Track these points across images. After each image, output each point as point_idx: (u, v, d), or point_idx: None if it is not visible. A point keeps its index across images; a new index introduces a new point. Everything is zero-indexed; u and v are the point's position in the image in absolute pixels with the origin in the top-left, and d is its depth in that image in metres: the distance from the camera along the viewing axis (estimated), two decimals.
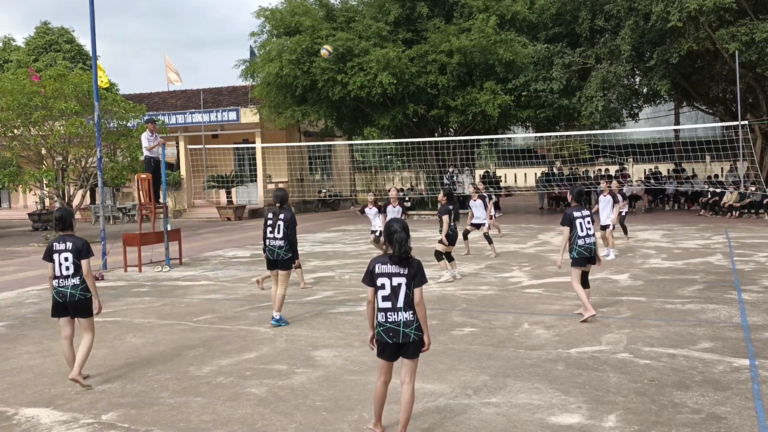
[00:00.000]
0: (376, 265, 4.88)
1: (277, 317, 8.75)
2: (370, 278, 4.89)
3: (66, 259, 6.38)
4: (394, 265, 4.82)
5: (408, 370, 4.88)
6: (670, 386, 5.94)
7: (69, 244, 6.42)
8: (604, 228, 14.26)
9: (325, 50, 20.01)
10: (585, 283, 8.64)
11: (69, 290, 6.37)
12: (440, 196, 12.06)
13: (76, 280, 6.39)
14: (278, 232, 8.57)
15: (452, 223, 11.54)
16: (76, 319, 6.51)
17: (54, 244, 6.48)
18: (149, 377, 6.74)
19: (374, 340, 4.96)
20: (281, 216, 8.59)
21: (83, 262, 6.39)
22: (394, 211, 13.72)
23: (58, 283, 6.41)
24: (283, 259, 8.63)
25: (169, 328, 8.88)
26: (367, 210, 14.39)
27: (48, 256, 6.47)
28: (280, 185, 33.17)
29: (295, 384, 6.35)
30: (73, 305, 6.40)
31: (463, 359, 6.94)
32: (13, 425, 5.58)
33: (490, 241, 15.02)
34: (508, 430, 5.13)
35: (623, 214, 16.34)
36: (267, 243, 8.69)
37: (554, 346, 7.33)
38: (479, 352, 7.19)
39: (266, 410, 5.70)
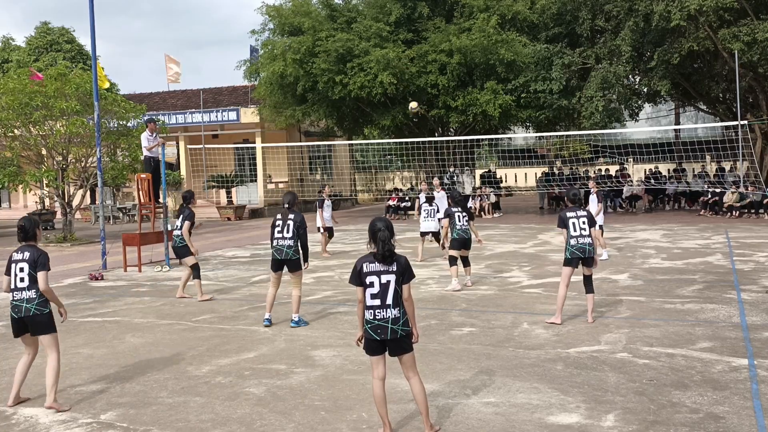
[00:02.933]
0: (363, 264, 4.94)
1: (296, 318, 8.69)
2: (357, 278, 4.95)
3: (21, 270, 5.84)
4: (380, 264, 4.88)
5: (408, 365, 4.95)
6: (669, 386, 5.94)
7: (26, 254, 5.86)
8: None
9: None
10: (588, 287, 8.50)
11: (24, 304, 5.82)
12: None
13: (32, 294, 5.81)
14: (287, 232, 8.51)
15: (459, 226, 10.92)
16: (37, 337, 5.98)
17: (13, 254, 5.98)
18: (148, 377, 6.74)
19: (362, 339, 5.03)
20: (290, 216, 8.55)
21: (40, 275, 5.81)
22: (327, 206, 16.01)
23: (13, 297, 5.87)
24: (291, 258, 8.51)
25: (169, 328, 8.88)
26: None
27: (7, 269, 5.96)
28: (281, 185, 33.22)
29: (294, 384, 6.35)
30: (30, 321, 5.85)
31: (462, 359, 6.95)
32: (12, 425, 5.58)
33: (437, 240, 15.00)
34: (506, 429, 5.13)
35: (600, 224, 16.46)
36: (275, 243, 8.57)
37: (553, 346, 7.33)
38: (478, 352, 7.19)
39: (265, 410, 5.71)
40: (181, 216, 10.76)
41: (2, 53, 43.75)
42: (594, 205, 14.25)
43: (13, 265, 5.91)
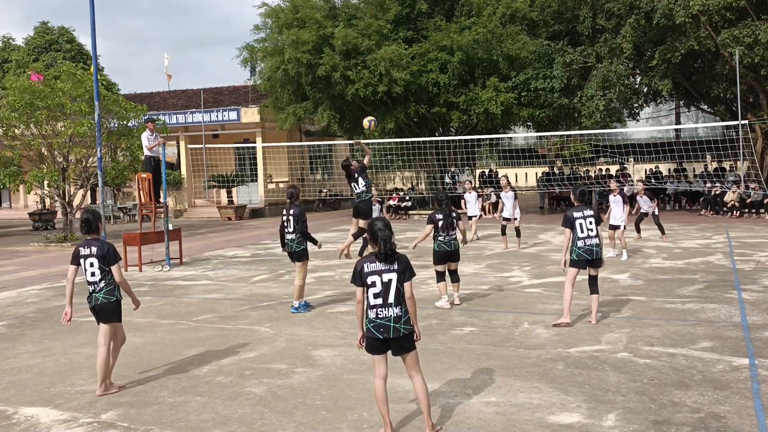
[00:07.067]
0: (364, 264, 4.97)
1: (296, 305, 9.51)
2: (358, 278, 4.98)
3: (92, 265, 6.30)
4: (381, 263, 4.92)
5: (411, 363, 4.99)
6: (670, 385, 5.94)
7: (94, 249, 6.30)
8: (613, 228, 14.07)
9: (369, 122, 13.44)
10: (593, 288, 8.35)
11: (95, 294, 6.34)
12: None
13: (102, 284, 6.33)
14: (290, 227, 9.47)
15: (441, 236, 9.25)
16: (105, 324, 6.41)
17: (80, 248, 6.36)
18: (149, 376, 6.74)
19: (362, 340, 5.04)
20: (291, 211, 9.43)
21: (113, 269, 6.33)
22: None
23: (89, 290, 6.39)
24: (296, 251, 9.46)
25: (169, 328, 8.88)
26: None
27: (75, 260, 6.37)
28: (281, 185, 33.18)
29: (294, 383, 6.35)
30: (99, 309, 6.36)
31: (463, 359, 6.94)
32: (12, 424, 5.58)
33: (518, 234, 16.00)
34: (507, 429, 5.13)
35: (656, 213, 16.34)
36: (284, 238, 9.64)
37: (554, 346, 7.32)
38: (479, 352, 7.18)
39: (266, 409, 5.70)
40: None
41: (2, 53, 43.72)
42: (619, 206, 14.00)
43: (82, 260, 6.34)
